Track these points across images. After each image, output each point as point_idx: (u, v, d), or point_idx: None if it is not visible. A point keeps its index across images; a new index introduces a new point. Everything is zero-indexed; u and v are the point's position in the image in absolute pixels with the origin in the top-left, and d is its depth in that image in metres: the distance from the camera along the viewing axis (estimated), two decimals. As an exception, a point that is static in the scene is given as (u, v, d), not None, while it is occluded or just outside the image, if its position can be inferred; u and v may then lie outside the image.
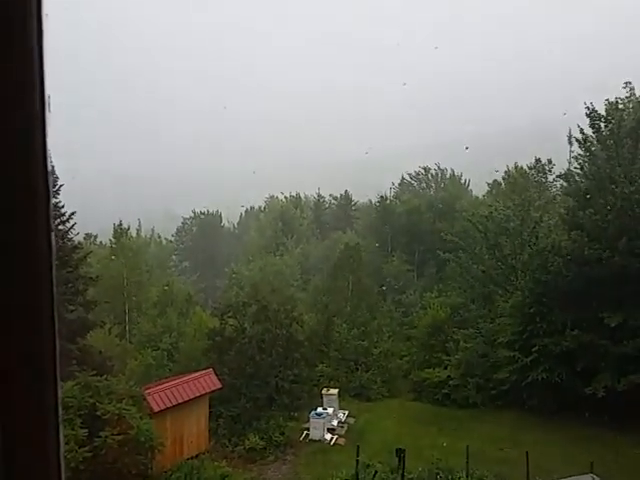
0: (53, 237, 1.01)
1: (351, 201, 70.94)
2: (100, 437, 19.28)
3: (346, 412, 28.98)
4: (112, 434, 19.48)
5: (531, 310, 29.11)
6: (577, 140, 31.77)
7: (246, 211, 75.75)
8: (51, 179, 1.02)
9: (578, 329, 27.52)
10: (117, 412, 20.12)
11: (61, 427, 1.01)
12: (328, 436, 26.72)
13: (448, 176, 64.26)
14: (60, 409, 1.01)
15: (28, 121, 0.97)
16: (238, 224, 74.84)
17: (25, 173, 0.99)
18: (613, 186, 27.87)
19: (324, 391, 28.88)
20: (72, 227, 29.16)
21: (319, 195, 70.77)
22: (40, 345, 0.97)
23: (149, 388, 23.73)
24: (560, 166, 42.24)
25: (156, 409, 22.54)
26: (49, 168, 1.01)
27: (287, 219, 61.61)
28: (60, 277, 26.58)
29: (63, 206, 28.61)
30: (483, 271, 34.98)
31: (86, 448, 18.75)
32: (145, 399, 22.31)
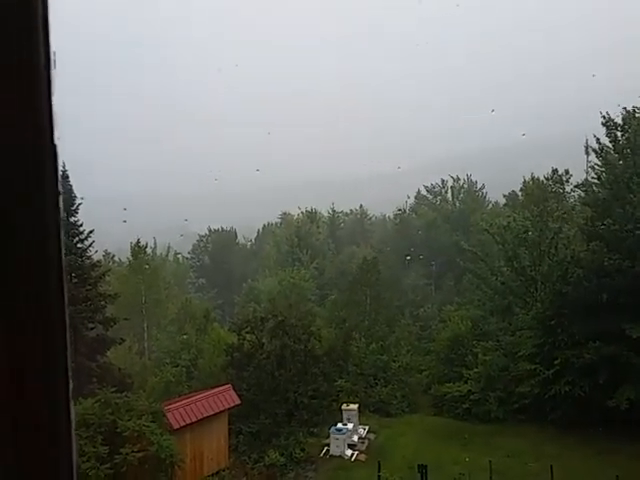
0: (63, 247, 1.00)
1: (366, 215, 70.99)
2: (121, 454, 19.25)
3: (366, 427, 28.73)
4: (132, 451, 19.45)
5: (552, 322, 28.76)
6: (594, 150, 31.56)
7: (263, 227, 76.01)
8: (60, 174, 1.02)
9: (600, 341, 27.10)
10: (137, 429, 20.10)
11: (74, 443, 1.00)
12: (349, 452, 26.48)
13: (465, 188, 64.07)
14: (73, 425, 0.99)
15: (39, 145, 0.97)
16: (255, 239, 75.07)
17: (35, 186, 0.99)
18: (631, 195, 27.59)
19: (344, 406, 28.67)
20: (90, 245, 29.44)
21: (334, 210, 70.89)
22: (53, 360, 0.96)
23: (169, 404, 23.73)
24: (577, 176, 42.02)
25: (176, 426, 22.51)
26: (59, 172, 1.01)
27: (303, 234, 61.72)
28: (79, 295, 26.79)
29: (81, 224, 28.91)
30: (502, 283, 34.68)
31: (107, 465, 18.74)
32: (165, 415, 22.29)
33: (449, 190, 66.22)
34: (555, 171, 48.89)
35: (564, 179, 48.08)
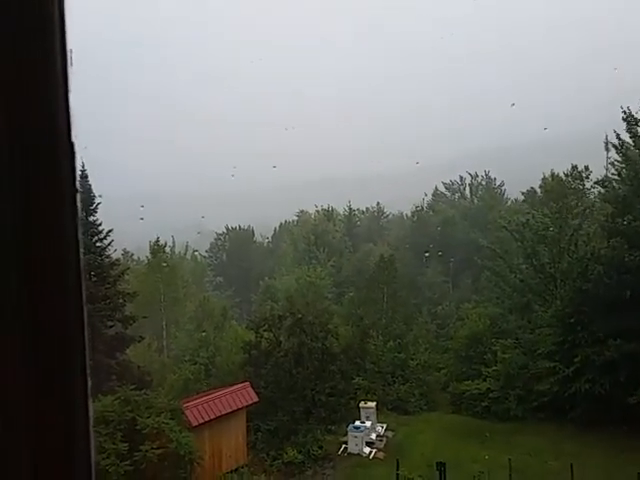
0: (81, 246, 1.00)
1: (383, 213, 70.85)
2: (140, 451, 19.42)
3: (384, 425, 28.67)
4: (152, 448, 19.61)
5: (572, 320, 28.49)
6: (614, 145, 31.18)
7: (280, 225, 76.18)
8: (77, 175, 1.02)
9: (620, 338, 26.79)
10: (156, 426, 20.26)
11: (92, 441, 1.00)
12: (367, 450, 26.45)
13: (483, 185, 63.71)
14: (91, 423, 0.99)
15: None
16: (272, 237, 75.26)
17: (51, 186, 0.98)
18: (652, 191, 27.22)
19: (362, 404, 28.65)
20: (109, 244, 29.71)
21: (350, 208, 70.84)
22: (71, 359, 0.96)
23: (187, 402, 23.89)
24: (597, 173, 41.57)
25: (194, 423, 22.65)
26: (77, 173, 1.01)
27: (319, 232, 61.76)
28: (98, 293, 27.06)
29: (100, 224, 29.18)
30: (521, 280, 34.41)
31: (127, 462, 18.92)
32: (183, 413, 22.44)
33: (467, 187, 65.96)
34: (575, 167, 48.43)
35: (584, 175, 47.60)
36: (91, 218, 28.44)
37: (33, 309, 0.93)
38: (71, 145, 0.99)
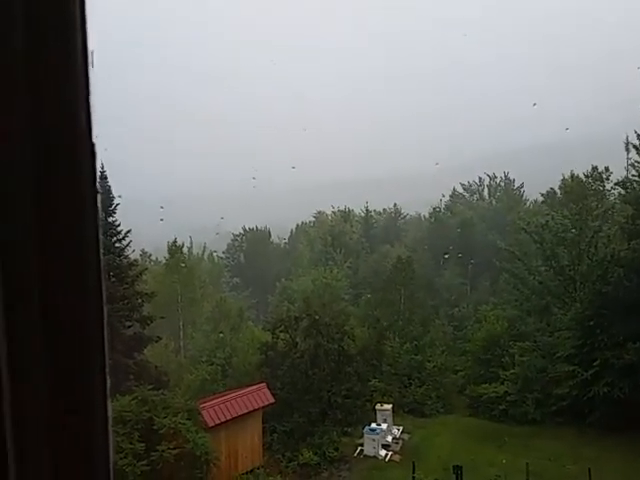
0: (101, 246, 1.00)
1: (400, 214, 70.62)
2: (157, 451, 19.52)
3: (400, 428, 28.57)
4: (168, 448, 19.70)
5: (591, 322, 28.19)
6: (634, 146, 30.81)
7: (296, 226, 76.25)
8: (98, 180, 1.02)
9: (641, 342, 26.47)
10: (173, 426, 20.36)
11: (111, 441, 0.99)
12: (383, 452, 26.37)
13: (502, 187, 63.30)
14: (110, 423, 0.99)
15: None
16: (288, 239, 75.33)
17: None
18: (674, 192, 26.85)
19: (378, 406, 28.58)
20: (128, 245, 29.94)
21: (367, 209, 70.69)
22: (90, 358, 0.96)
23: (204, 402, 23.98)
24: (617, 174, 41.10)
25: (211, 423, 22.72)
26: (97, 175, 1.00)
27: (336, 233, 61.70)
28: (117, 293, 27.27)
29: (119, 224, 29.42)
30: (540, 282, 34.11)
31: (144, 462, 19.03)
32: (200, 413, 22.53)
33: (485, 188, 65.53)
34: (595, 168, 47.89)
35: (604, 176, 47.06)
36: (110, 219, 28.69)
37: (54, 309, 0.93)
38: (92, 146, 0.99)
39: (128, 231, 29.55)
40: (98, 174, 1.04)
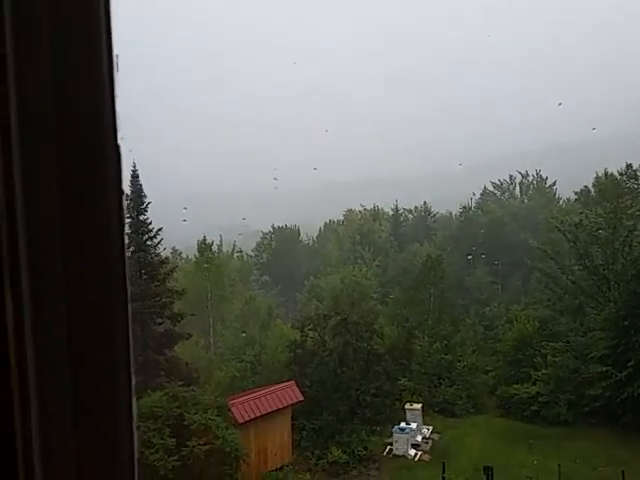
0: (125, 247, 1.01)
1: (430, 213, 70.08)
2: (187, 447, 19.74)
3: (430, 428, 28.40)
4: (199, 444, 19.90)
5: (625, 323, 27.64)
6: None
7: (325, 225, 76.27)
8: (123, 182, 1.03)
9: (677, 343, 25.87)
10: (203, 422, 20.56)
11: (136, 439, 1.00)
12: (412, 452, 26.24)
13: (534, 185, 62.42)
14: (134, 420, 0.99)
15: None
16: (317, 237, 75.40)
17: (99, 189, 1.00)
18: None
19: (407, 406, 28.44)
20: (159, 243, 30.25)
21: (397, 207, 70.33)
22: (115, 357, 0.97)
23: (233, 399, 24.16)
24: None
25: (240, 420, 22.89)
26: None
27: (365, 232, 61.51)
28: (148, 290, 27.61)
29: (150, 222, 29.74)
30: (573, 282, 33.55)
31: (174, 457, 19.25)
32: (230, 410, 22.70)
33: (517, 187, 64.66)
34: (629, 166, 46.86)
35: (639, 174, 46.02)
36: (141, 217, 29.03)
37: (79, 308, 0.94)
38: (117, 147, 1.00)
39: (159, 229, 29.86)
40: (129, 173, 1.05)
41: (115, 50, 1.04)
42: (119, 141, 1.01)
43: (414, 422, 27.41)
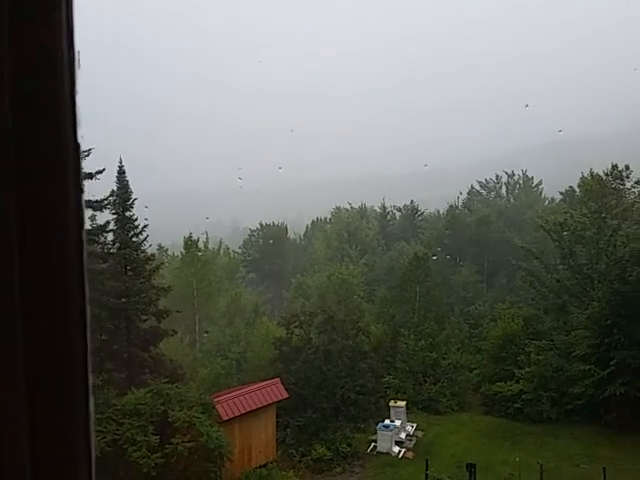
0: (85, 248, 1.00)
1: (417, 211, 70.28)
2: (171, 444, 19.67)
3: (414, 425, 28.53)
4: (183, 441, 19.84)
5: (608, 322, 27.92)
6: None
7: (312, 223, 76.23)
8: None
9: (659, 342, 26.18)
10: (188, 419, 20.50)
11: (93, 442, 0.99)
12: (396, 449, 26.35)
13: (520, 184, 62.82)
14: (92, 425, 0.99)
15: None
16: (305, 235, 75.35)
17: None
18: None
19: (392, 403, 28.55)
20: (145, 239, 30.07)
21: (384, 206, 70.44)
22: (70, 361, 0.96)
23: (218, 396, 24.12)
24: (638, 172, 40.59)
25: (225, 417, 22.86)
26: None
27: (352, 230, 61.55)
28: (133, 287, 27.47)
29: (136, 219, 29.56)
30: (557, 281, 33.81)
31: (158, 454, 19.18)
32: (214, 407, 22.66)
33: (503, 186, 65.02)
34: (615, 167, 47.20)
35: (624, 175, 46.39)
36: (127, 213, 28.85)
37: (31, 312, 0.94)
38: (77, 145, 1.00)
39: (145, 226, 29.69)
40: (116, 169, 1.04)
41: (77, 47, 1.03)
42: (79, 139, 1.01)
43: (398, 419, 27.52)
